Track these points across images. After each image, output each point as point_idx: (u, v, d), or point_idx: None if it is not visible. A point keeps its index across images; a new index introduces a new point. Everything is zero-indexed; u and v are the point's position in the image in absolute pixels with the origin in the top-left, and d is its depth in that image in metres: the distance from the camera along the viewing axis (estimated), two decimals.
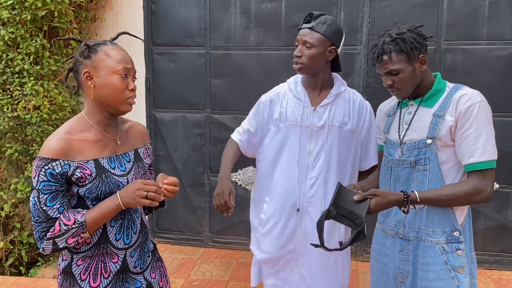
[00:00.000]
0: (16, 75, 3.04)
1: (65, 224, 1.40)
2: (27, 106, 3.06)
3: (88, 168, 1.44)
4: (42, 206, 1.39)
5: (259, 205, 2.12)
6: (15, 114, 3.04)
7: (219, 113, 3.67)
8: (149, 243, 1.70)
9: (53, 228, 1.40)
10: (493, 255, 3.42)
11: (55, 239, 1.40)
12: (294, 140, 1.98)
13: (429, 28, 3.28)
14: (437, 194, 1.64)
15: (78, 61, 1.48)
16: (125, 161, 1.56)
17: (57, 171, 1.39)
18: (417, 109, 1.74)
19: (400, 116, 1.80)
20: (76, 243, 1.44)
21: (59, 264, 1.55)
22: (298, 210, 1.98)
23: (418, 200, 1.62)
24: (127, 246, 1.55)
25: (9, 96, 3.05)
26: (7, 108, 3.03)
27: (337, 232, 2.03)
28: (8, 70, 3.02)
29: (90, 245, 1.50)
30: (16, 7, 2.89)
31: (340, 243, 1.64)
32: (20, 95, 3.05)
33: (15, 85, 3.03)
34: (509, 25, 3.19)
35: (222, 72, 3.64)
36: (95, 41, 1.51)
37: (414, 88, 1.72)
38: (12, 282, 3.22)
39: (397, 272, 1.78)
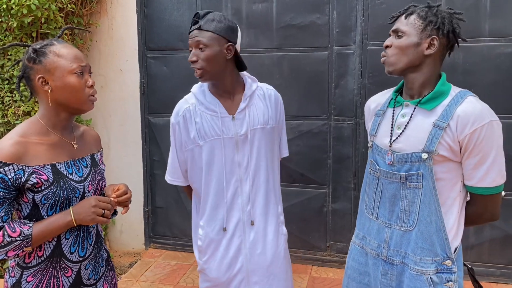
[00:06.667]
0: (6, 82, 3.09)
1: (9, 236, 1.33)
2: (17, 111, 3.10)
3: (45, 173, 1.38)
4: None
5: (195, 233, 1.97)
6: (5, 120, 3.09)
7: None
8: (103, 252, 1.64)
9: None
10: (500, 268, 3.17)
11: None
12: (220, 154, 1.81)
13: None
14: None
15: (27, 67, 1.42)
16: (82, 167, 1.51)
17: (10, 177, 1.32)
18: (413, 111, 1.50)
19: (393, 117, 1.56)
20: (16, 256, 1.38)
21: (6, 281, 1.46)
22: (252, 223, 1.86)
23: None
24: (82, 258, 1.50)
25: (0, 102, 3.10)
26: None
27: (281, 234, 1.94)
28: None
29: (42, 258, 1.43)
30: (3, 15, 2.94)
31: None
32: (10, 101, 3.09)
33: (5, 91, 3.08)
34: None
35: None
36: (41, 43, 1.44)
37: (404, 68, 1.50)
38: None
39: None
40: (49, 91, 1.40)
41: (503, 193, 3.10)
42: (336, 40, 3.28)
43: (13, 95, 3.09)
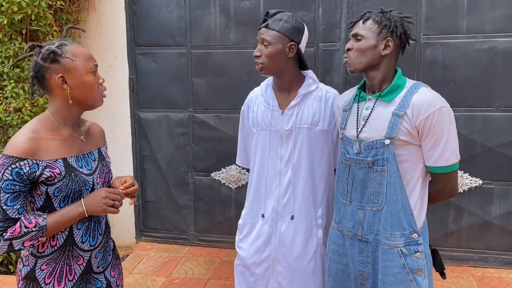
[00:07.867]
0: None
1: (25, 226, 1.39)
2: (7, 108, 3.12)
3: (57, 167, 1.45)
4: (2, 205, 1.38)
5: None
6: None
7: (201, 112, 3.68)
8: (111, 242, 1.72)
9: (13, 229, 1.39)
10: (478, 252, 3.36)
11: (13, 241, 1.39)
12: (264, 145, 1.96)
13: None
14: None
15: (43, 67, 1.46)
16: (90, 160, 1.59)
17: (25, 171, 1.39)
18: (375, 104, 1.69)
19: (358, 111, 1.75)
20: (31, 246, 1.44)
21: (20, 270, 1.53)
22: (282, 216, 1.97)
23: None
24: (92, 247, 1.57)
25: None
26: None
27: (315, 236, 2.00)
28: None
29: (55, 248, 1.50)
30: None
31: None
32: (1, 98, 3.11)
33: None
34: (489, 18, 3.12)
35: (203, 71, 3.65)
36: (52, 43, 1.49)
37: (365, 67, 1.68)
38: None
39: (357, 274, 1.76)
40: (68, 89, 1.47)
41: (480, 181, 3.28)
42: (322, 36, 3.39)
43: (4, 92, 3.10)
